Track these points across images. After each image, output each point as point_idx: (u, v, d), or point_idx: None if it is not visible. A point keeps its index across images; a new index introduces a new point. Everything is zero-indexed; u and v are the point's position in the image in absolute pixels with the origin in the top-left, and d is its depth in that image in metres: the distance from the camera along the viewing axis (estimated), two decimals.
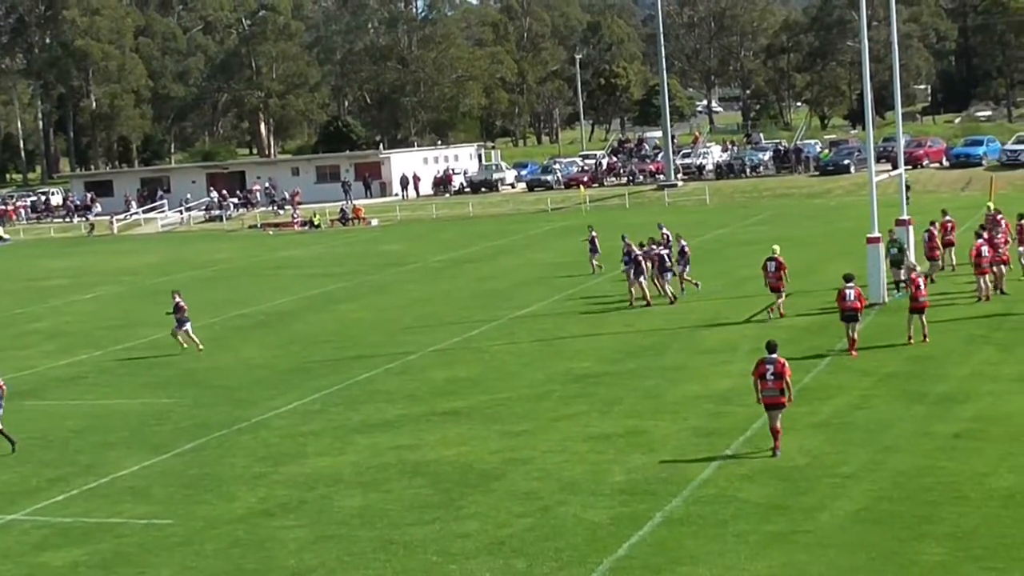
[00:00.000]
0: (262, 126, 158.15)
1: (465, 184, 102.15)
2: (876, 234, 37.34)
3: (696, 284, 42.29)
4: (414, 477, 22.79)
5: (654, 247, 41.97)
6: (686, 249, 42.86)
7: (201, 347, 37.76)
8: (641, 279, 40.25)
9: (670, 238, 44.81)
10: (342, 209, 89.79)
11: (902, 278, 37.17)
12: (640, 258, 40.41)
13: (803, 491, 20.30)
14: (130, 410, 30.48)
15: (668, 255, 41.86)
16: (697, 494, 20.52)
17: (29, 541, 20.80)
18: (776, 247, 37.60)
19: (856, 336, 30.54)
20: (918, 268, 35.51)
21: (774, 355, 22.68)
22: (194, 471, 24.36)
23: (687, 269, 42.48)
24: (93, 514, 22.01)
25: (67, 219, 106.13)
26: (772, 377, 22.43)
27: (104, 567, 19.26)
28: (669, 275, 41.64)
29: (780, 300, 36.46)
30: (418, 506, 21.05)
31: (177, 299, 37.81)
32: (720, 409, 26.13)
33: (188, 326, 37.86)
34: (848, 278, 30.74)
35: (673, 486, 20.99)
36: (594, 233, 50.04)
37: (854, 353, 30.19)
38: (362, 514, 20.85)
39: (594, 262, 49.26)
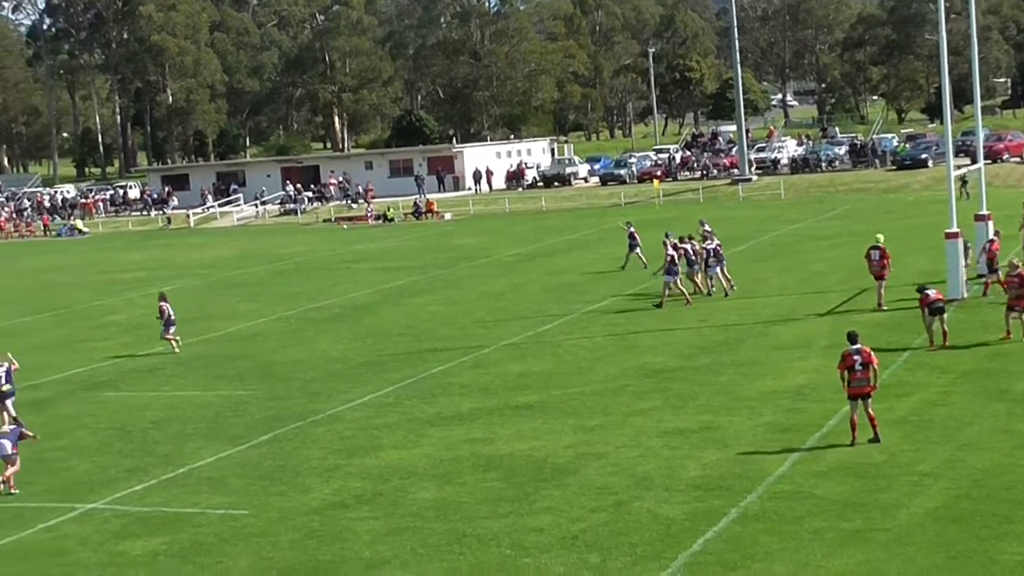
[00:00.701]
0: (336, 120, 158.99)
1: (538, 178, 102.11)
2: (955, 229, 36.91)
3: (710, 291, 41.58)
4: (488, 470, 22.82)
5: (690, 243, 41.71)
6: (719, 249, 42.12)
7: (178, 351, 38.07)
8: (676, 278, 40.03)
9: (711, 234, 44.63)
10: (415, 203, 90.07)
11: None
12: (673, 257, 40.03)
13: (880, 488, 20.11)
14: (207, 402, 30.77)
15: (712, 250, 41.59)
16: (772, 490, 20.39)
17: (109, 530, 21.05)
18: (880, 236, 37.51)
19: (947, 328, 30.24)
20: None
21: (858, 345, 22.74)
22: (270, 463, 24.54)
23: (720, 268, 41.95)
24: (171, 504, 22.24)
25: (144, 212, 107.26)
26: (861, 367, 22.44)
27: (182, 556, 19.45)
28: (716, 269, 41.48)
29: (882, 289, 36.20)
30: (492, 499, 21.07)
31: (163, 305, 38.06)
32: (795, 405, 25.94)
33: (173, 329, 38.16)
34: (923, 287, 30.72)
35: (748, 482, 20.88)
36: (632, 228, 50.01)
37: (946, 343, 29.93)
38: (436, 507, 20.91)
39: (640, 256, 49.03)
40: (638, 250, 49.39)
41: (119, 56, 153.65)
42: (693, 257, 41.41)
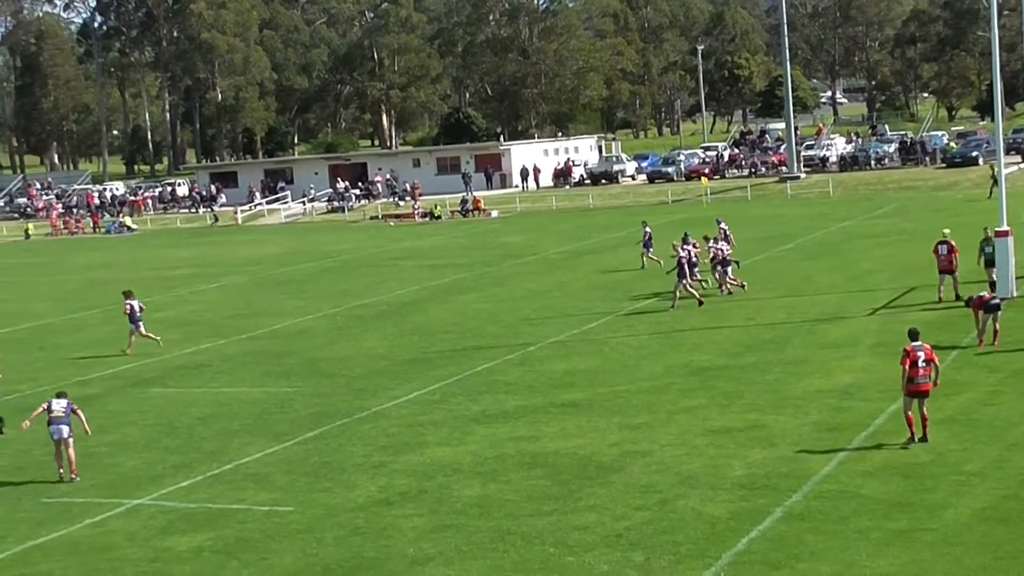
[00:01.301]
0: (384, 118, 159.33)
1: (585, 176, 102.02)
2: (1005, 227, 36.59)
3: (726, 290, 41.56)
4: (532, 468, 22.80)
5: (693, 245, 41.63)
6: (720, 252, 41.99)
7: (160, 342, 38.84)
8: (684, 281, 39.69)
9: (728, 233, 45.05)
10: (463, 200, 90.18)
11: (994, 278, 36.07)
12: (683, 260, 39.75)
13: (927, 488, 19.95)
14: (253, 398, 30.90)
15: (719, 249, 41.58)
16: (818, 489, 20.27)
17: (155, 525, 21.18)
18: (947, 230, 37.39)
19: (999, 327, 30.01)
20: None
21: (919, 341, 22.47)
22: (315, 459, 24.61)
23: (729, 270, 41.77)
24: (217, 500, 22.35)
25: (193, 209, 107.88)
26: (923, 364, 22.13)
27: (227, 552, 19.54)
28: (728, 269, 41.57)
29: (944, 282, 35.97)
30: (536, 497, 21.05)
31: (130, 302, 38.32)
32: (842, 404, 25.79)
33: (141, 326, 38.56)
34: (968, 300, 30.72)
35: (793, 481, 20.76)
36: (648, 228, 50.24)
37: (996, 343, 29.71)
38: (480, 504, 20.91)
39: (653, 257, 49.11)
40: (651, 251, 49.45)
41: (169, 54, 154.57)
42: (694, 260, 41.11)
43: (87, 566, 19.40)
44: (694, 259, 41.08)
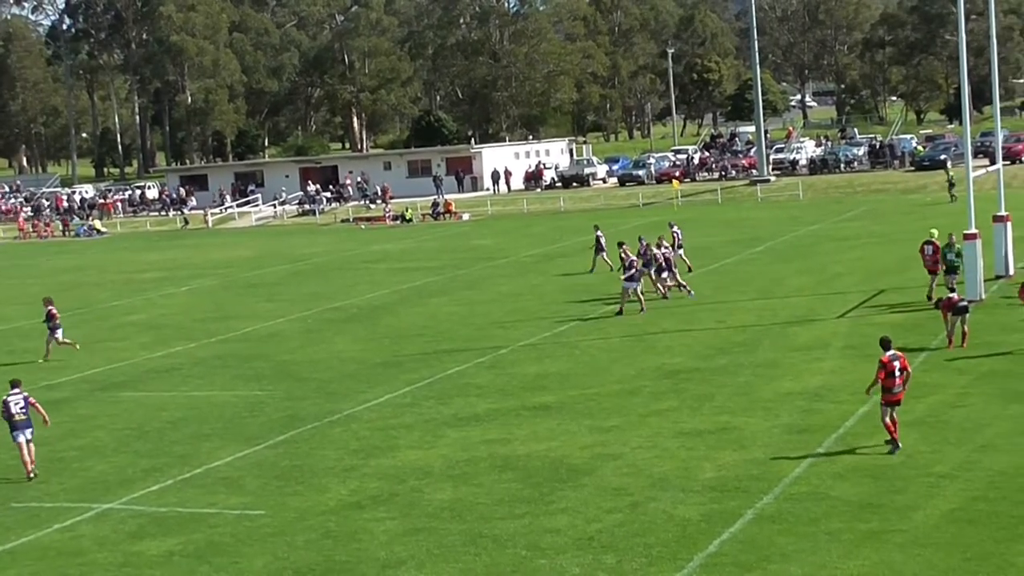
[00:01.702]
0: (355, 121, 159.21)
1: (556, 179, 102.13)
2: (973, 230, 36.77)
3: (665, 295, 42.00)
4: (504, 471, 22.80)
5: (654, 248, 42.14)
6: (668, 256, 42.56)
7: (78, 346, 39.04)
8: (636, 284, 39.64)
9: (680, 237, 46.49)
10: (434, 203, 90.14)
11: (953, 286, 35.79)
12: (635, 262, 39.99)
13: (897, 490, 20.04)
14: (224, 402, 30.81)
15: (664, 256, 42.07)
16: (789, 491, 20.34)
17: (125, 530, 21.09)
18: (934, 231, 37.56)
19: (967, 329, 30.14)
20: None
21: (894, 351, 22.31)
22: (286, 463, 24.56)
23: (665, 275, 42.09)
24: (188, 504, 22.27)
25: (163, 212, 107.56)
26: (899, 373, 22.01)
27: (198, 556, 19.47)
28: (665, 274, 41.87)
29: (936, 282, 36.12)
30: (508, 500, 21.06)
31: (50, 308, 38.41)
32: (812, 406, 25.88)
33: (59, 332, 38.67)
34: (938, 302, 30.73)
35: (764, 483, 20.83)
36: (599, 232, 50.78)
37: (964, 344, 29.85)
38: (452, 507, 20.90)
39: (605, 259, 49.53)
40: (604, 254, 49.94)
41: (138, 56, 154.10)
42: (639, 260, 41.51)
43: (56, 571, 19.31)
44: (660, 259, 41.69)
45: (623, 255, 40.60)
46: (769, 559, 17.53)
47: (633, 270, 39.38)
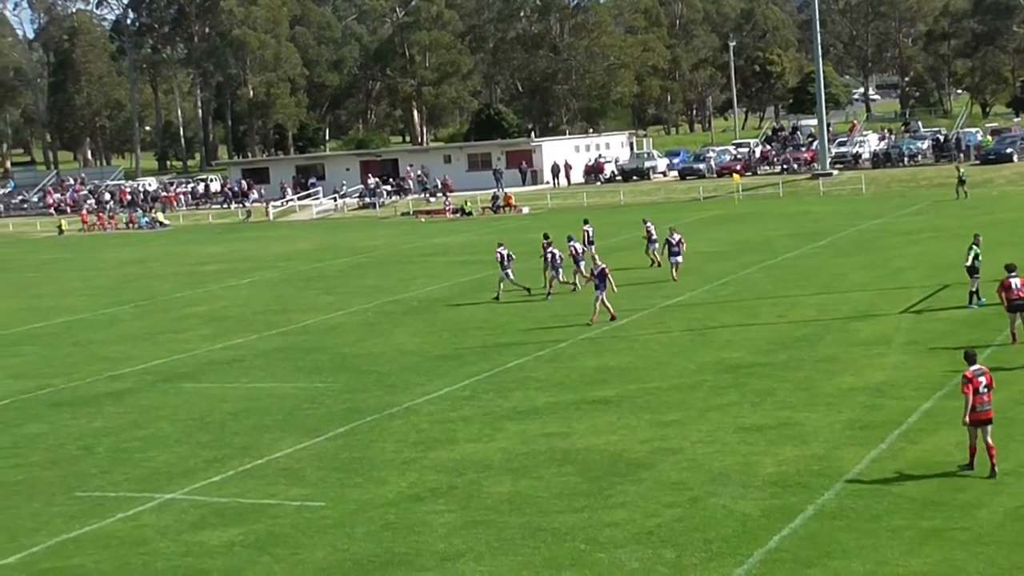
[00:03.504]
0: (415, 114, 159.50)
1: (616, 172, 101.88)
2: None
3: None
4: (563, 465, 22.77)
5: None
6: (682, 240, 45.46)
7: None
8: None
9: (591, 235, 49.30)
10: (493, 196, 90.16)
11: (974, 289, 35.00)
12: (552, 257, 43.08)
13: (960, 487, 19.83)
14: (285, 393, 30.97)
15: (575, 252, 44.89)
16: (850, 487, 20.18)
17: (187, 520, 21.24)
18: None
19: (1015, 329, 29.80)
20: None
21: (979, 365, 20.57)
22: (346, 455, 24.64)
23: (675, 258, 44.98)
24: (248, 495, 22.40)
25: (225, 205, 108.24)
26: (985, 390, 20.19)
27: (259, 547, 19.58)
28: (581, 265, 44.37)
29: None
30: (567, 494, 21.03)
31: None
32: (874, 402, 25.67)
33: None
34: (1011, 268, 29.92)
35: (825, 479, 20.68)
36: (650, 225, 51.25)
37: (1015, 343, 29.50)
38: (511, 500, 20.90)
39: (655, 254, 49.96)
40: (656, 247, 50.12)
41: (201, 50, 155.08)
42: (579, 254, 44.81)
43: (119, 560, 19.49)
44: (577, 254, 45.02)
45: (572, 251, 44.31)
46: (830, 555, 17.40)
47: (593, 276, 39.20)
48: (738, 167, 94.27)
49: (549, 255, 44.07)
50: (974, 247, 35.20)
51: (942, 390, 25.79)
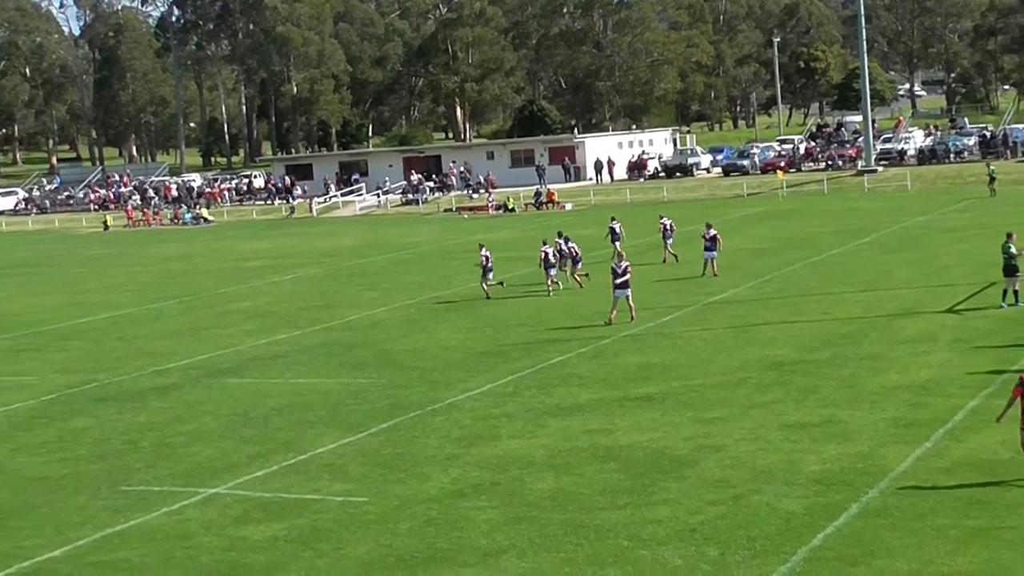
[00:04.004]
0: (458, 110, 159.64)
1: (659, 169, 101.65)
2: None
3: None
4: (606, 461, 22.74)
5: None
6: (716, 236, 45.62)
7: None
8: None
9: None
10: (536, 193, 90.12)
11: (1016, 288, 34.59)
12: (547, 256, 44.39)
13: (1006, 486, 19.67)
14: (328, 389, 31.06)
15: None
16: (895, 486, 20.06)
17: (231, 515, 21.34)
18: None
19: None
20: None
21: None
22: (389, 450, 24.69)
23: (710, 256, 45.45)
24: (292, 490, 22.48)
25: (268, 201, 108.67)
26: None
27: (302, 542, 19.65)
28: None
29: None
30: (610, 491, 21.00)
31: None
32: (919, 399, 25.50)
33: None
34: None
35: (870, 477, 20.56)
36: (666, 220, 52.15)
37: None
38: (554, 497, 20.88)
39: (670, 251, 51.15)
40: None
41: (245, 47, 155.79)
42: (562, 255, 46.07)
43: (164, 554, 19.60)
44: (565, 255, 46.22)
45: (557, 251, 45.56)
46: (874, 554, 17.30)
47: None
48: (782, 164, 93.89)
49: (558, 251, 45.98)
50: (1011, 246, 34.74)
51: (988, 388, 25.59)
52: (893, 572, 16.68)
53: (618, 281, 36.98)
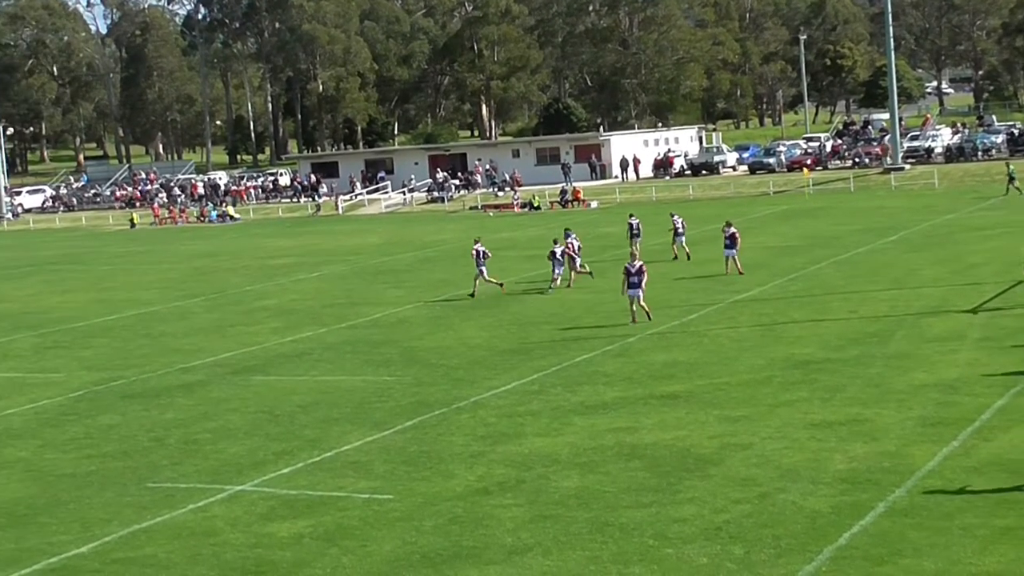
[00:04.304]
0: (483, 108, 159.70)
1: (685, 167, 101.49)
2: None
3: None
4: (631, 460, 22.70)
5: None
6: (735, 234, 45.56)
7: None
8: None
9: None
10: (562, 191, 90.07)
11: None
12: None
13: None
14: (353, 386, 31.09)
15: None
16: (922, 485, 19.96)
17: (257, 512, 21.38)
18: None
19: None
20: None
21: None
22: (414, 448, 24.70)
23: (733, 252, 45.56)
24: (317, 487, 22.51)
25: (294, 199, 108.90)
26: None
27: (327, 539, 19.67)
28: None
29: None
30: (635, 489, 20.96)
31: None
32: (947, 399, 25.38)
33: None
34: None
35: (896, 476, 20.47)
36: (677, 218, 52.79)
37: None
38: (579, 495, 20.85)
39: (685, 248, 51.64)
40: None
41: (271, 45, 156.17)
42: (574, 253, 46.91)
43: (190, 550, 19.64)
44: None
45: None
46: (901, 553, 17.22)
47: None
48: (808, 161, 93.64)
49: (564, 248, 46.66)
50: None
51: (1016, 387, 25.47)
52: (920, 571, 16.60)
53: (632, 280, 36.76)
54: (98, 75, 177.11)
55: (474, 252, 45.66)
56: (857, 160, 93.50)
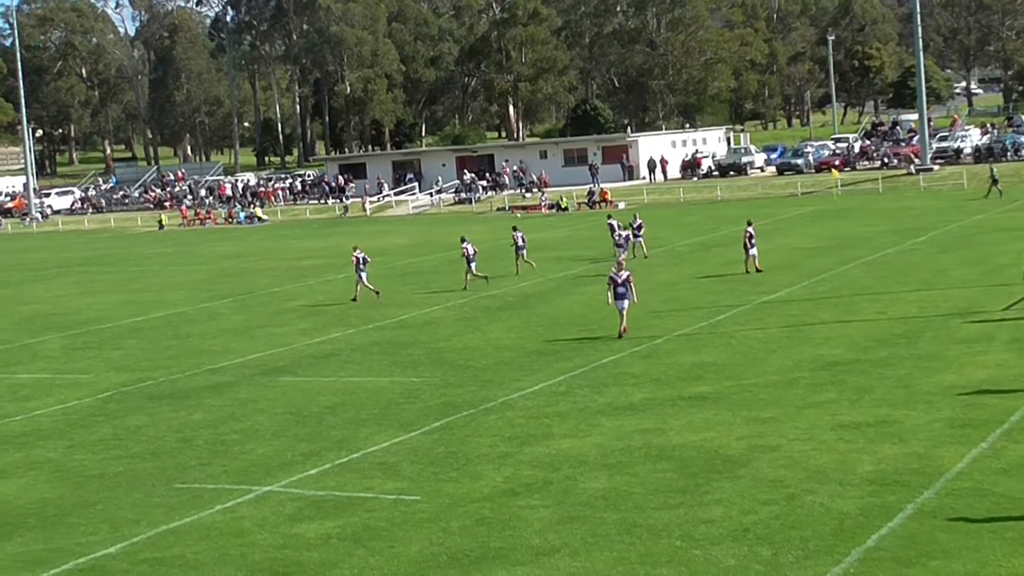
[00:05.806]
0: (511, 109, 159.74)
1: (713, 167, 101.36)
2: None
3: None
4: (659, 461, 22.66)
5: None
6: (752, 234, 46.33)
7: None
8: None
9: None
10: (589, 192, 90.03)
11: None
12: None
13: None
14: (380, 388, 31.13)
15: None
16: (950, 486, 19.87)
17: (284, 512, 21.42)
18: None
19: None
20: None
21: None
22: (441, 449, 24.72)
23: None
24: (345, 488, 22.54)
25: (322, 201, 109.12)
26: None
27: (355, 540, 19.70)
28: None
29: None
30: (662, 490, 20.93)
31: None
32: (976, 400, 25.26)
33: None
34: None
35: (925, 478, 20.38)
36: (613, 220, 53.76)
37: None
38: (606, 496, 20.83)
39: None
40: (622, 249, 51.82)
41: (299, 47, 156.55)
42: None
43: (218, 551, 19.70)
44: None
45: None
46: (930, 555, 17.14)
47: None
48: (836, 162, 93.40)
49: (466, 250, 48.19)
50: None
51: None
52: (949, 574, 16.53)
53: (619, 291, 35.54)
54: (126, 77, 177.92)
55: (354, 259, 46.94)
56: (886, 161, 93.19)
